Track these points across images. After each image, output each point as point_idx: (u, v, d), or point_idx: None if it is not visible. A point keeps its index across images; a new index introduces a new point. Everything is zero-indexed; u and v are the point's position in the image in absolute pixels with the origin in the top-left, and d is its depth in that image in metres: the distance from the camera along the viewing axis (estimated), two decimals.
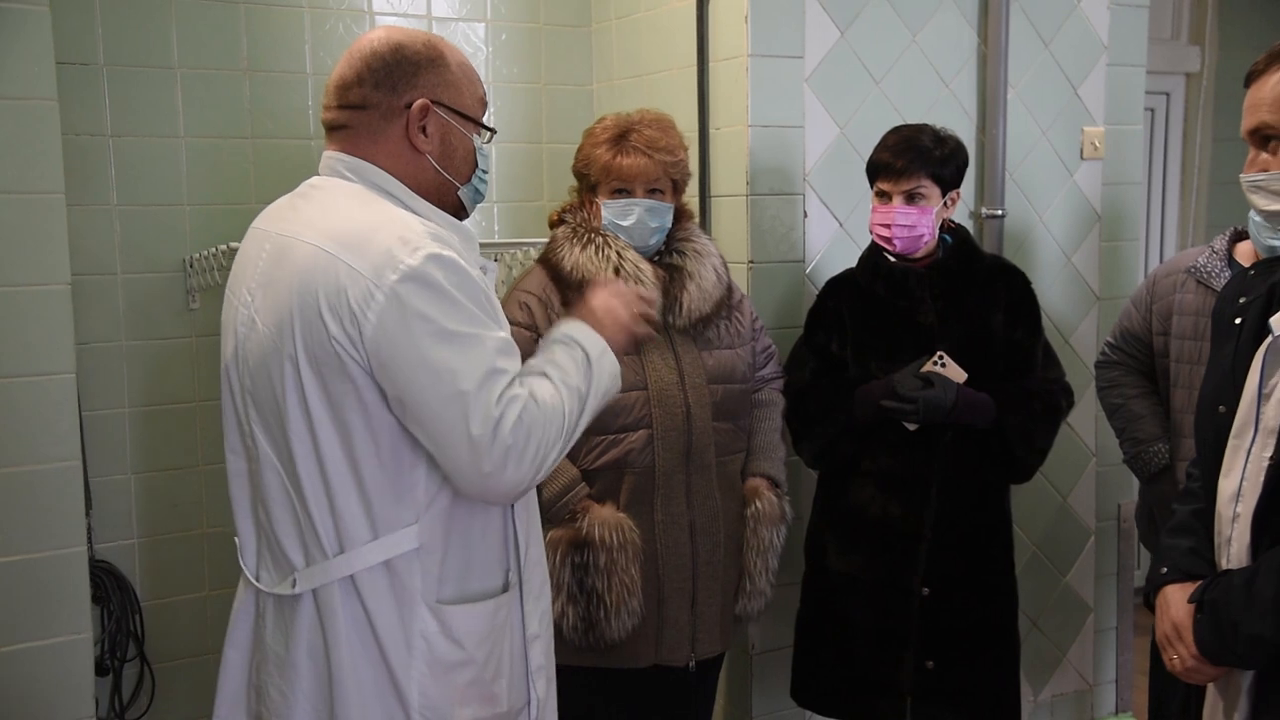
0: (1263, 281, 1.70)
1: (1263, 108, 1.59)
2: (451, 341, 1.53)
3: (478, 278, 1.62)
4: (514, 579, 1.75)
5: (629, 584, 2.25)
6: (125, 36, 2.77)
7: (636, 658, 2.34)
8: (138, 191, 2.83)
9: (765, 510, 2.45)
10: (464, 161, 1.74)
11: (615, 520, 2.26)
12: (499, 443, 1.54)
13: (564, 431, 1.63)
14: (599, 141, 2.37)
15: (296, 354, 1.58)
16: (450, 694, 1.66)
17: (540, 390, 1.62)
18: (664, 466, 2.32)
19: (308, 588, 1.64)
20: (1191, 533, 1.75)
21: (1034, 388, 2.52)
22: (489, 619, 1.70)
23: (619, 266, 2.30)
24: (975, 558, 2.53)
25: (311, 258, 1.58)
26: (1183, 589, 1.70)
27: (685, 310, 2.37)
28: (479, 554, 1.71)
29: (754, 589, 2.45)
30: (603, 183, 2.37)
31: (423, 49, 1.69)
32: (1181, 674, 1.69)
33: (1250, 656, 1.59)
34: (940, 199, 2.49)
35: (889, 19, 2.94)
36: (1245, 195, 1.65)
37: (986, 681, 2.57)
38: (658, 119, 2.41)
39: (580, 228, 2.37)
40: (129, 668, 2.88)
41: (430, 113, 1.68)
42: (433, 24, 3.17)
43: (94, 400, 2.80)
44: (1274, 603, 1.52)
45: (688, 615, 2.37)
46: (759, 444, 2.51)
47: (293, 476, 1.63)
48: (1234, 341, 1.67)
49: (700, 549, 2.37)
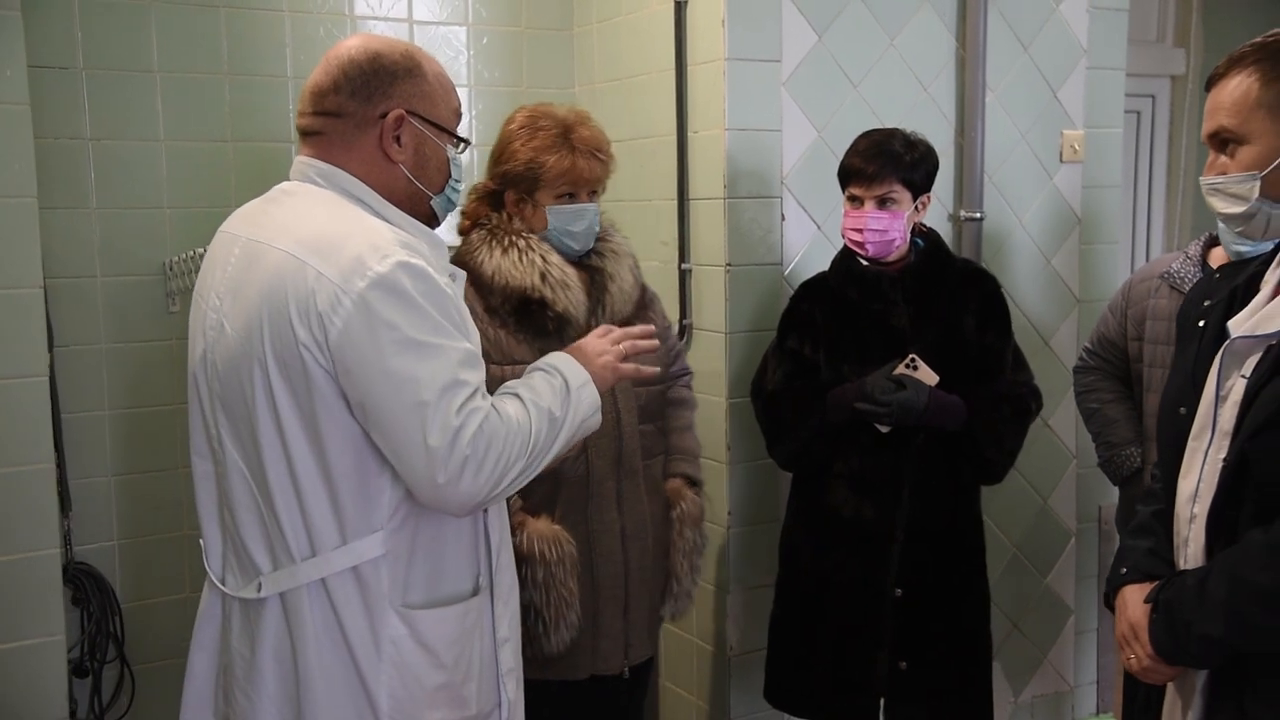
0: (1226, 284, 1.71)
1: (1221, 112, 1.60)
2: (415, 351, 1.54)
3: (446, 286, 1.63)
4: (484, 583, 1.76)
5: (567, 597, 2.21)
6: (105, 40, 2.78)
7: (574, 669, 2.31)
8: (117, 195, 2.84)
9: (689, 511, 2.44)
10: (437, 171, 1.75)
11: (552, 534, 2.22)
12: (456, 453, 1.55)
13: (529, 449, 1.63)
14: (545, 144, 2.27)
15: (266, 359, 1.59)
16: (420, 697, 1.67)
17: (507, 406, 1.64)
18: (596, 474, 2.28)
19: (274, 591, 1.65)
20: (1151, 534, 1.76)
21: (1004, 390, 2.54)
22: (458, 623, 1.71)
23: (545, 272, 2.22)
24: (948, 558, 2.54)
25: (281, 263, 1.60)
26: (1140, 589, 1.72)
27: (609, 312, 2.31)
28: (449, 558, 1.72)
29: (680, 590, 2.44)
30: (549, 186, 2.27)
31: (400, 59, 1.70)
32: (1138, 673, 1.71)
33: (1202, 656, 1.61)
34: (911, 203, 2.50)
35: (866, 23, 2.95)
36: (1205, 199, 1.66)
37: (959, 682, 2.58)
38: (585, 116, 2.35)
39: (499, 230, 2.27)
40: (109, 669, 2.89)
41: (405, 123, 1.69)
42: (414, 27, 3.18)
43: (74, 403, 2.82)
44: (1225, 604, 1.53)
45: (621, 623, 2.35)
46: (676, 444, 2.49)
47: (260, 481, 1.64)
48: (1196, 344, 1.68)
49: (631, 555, 2.34)
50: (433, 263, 1.63)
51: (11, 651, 2.31)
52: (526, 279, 2.22)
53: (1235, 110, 1.58)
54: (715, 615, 3.01)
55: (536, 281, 2.22)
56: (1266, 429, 1.51)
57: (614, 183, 3.24)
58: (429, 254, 1.65)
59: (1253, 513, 1.54)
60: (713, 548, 2.99)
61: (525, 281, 2.22)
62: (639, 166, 3.14)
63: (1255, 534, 1.53)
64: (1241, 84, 1.57)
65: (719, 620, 2.99)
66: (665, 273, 3.05)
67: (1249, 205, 1.58)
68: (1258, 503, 1.53)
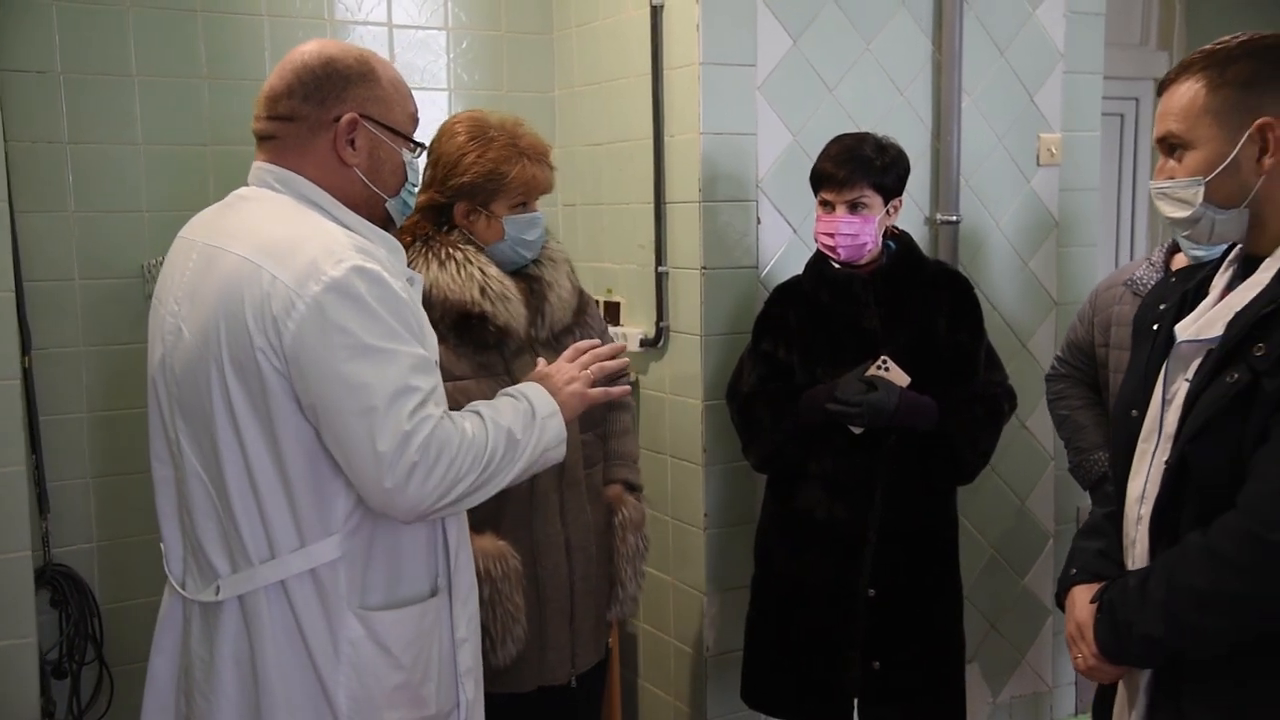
0: (1180, 288, 1.73)
1: (1170, 117, 1.61)
2: (367, 356, 1.55)
3: (402, 290, 1.64)
4: (442, 584, 1.77)
5: (513, 611, 2.19)
6: (82, 44, 2.80)
7: (521, 682, 2.30)
8: (96, 198, 2.85)
9: (630, 517, 2.43)
10: (393, 175, 1.76)
11: (497, 550, 2.20)
12: (405, 459, 1.55)
13: (481, 463, 1.64)
14: (501, 154, 2.22)
15: (223, 362, 1.60)
16: (378, 698, 1.68)
17: (464, 419, 1.65)
18: (540, 488, 2.26)
19: (232, 594, 1.66)
20: (1102, 535, 1.78)
21: (977, 391, 2.56)
22: (416, 623, 1.72)
23: (484, 286, 2.19)
24: (920, 559, 2.56)
25: (237, 268, 1.61)
26: (1088, 589, 1.74)
27: (548, 321, 2.29)
28: (407, 560, 1.73)
29: (625, 595, 2.44)
30: (507, 196, 2.25)
31: (354, 64, 1.71)
32: (1085, 672, 1.73)
33: (1144, 656, 1.63)
34: (883, 207, 2.51)
35: (842, 27, 2.97)
36: (1154, 203, 1.68)
37: (932, 682, 2.59)
38: (521, 121, 2.32)
39: (435, 243, 2.23)
40: (88, 670, 2.90)
41: (359, 127, 1.70)
42: (393, 31, 3.20)
43: (52, 405, 2.83)
44: (1164, 604, 1.55)
45: (567, 634, 2.34)
46: (613, 450, 2.48)
47: (218, 484, 1.65)
48: (1149, 347, 1.70)
49: (576, 566, 2.34)
50: (389, 267, 1.64)
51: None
52: (466, 293, 2.19)
53: (1182, 116, 1.59)
54: (693, 617, 3.02)
55: (476, 295, 2.19)
56: (1205, 432, 1.53)
57: (593, 186, 3.30)
58: (386, 258, 1.67)
59: (1193, 515, 1.56)
60: (690, 549, 3.01)
61: (465, 296, 2.18)
62: (617, 170, 3.16)
63: (1193, 537, 1.55)
64: (1189, 90, 1.59)
65: (696, 621, 3.01)
66: (642, 276, 3.06)
67: (1194, 210, 1.60)
68: (1198, 505, 1.55)
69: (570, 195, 3.41)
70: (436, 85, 3.28)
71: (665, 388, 3.05)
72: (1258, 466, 1.48)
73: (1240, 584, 1.48)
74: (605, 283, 3.27)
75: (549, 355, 2.20)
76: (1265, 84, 1.55)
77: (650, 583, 3.19)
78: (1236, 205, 1.58)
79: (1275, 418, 1.46)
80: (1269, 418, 1.47)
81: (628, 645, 3.30)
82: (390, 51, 3.19)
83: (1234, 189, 1.57)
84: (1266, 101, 1.55)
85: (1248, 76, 1.55)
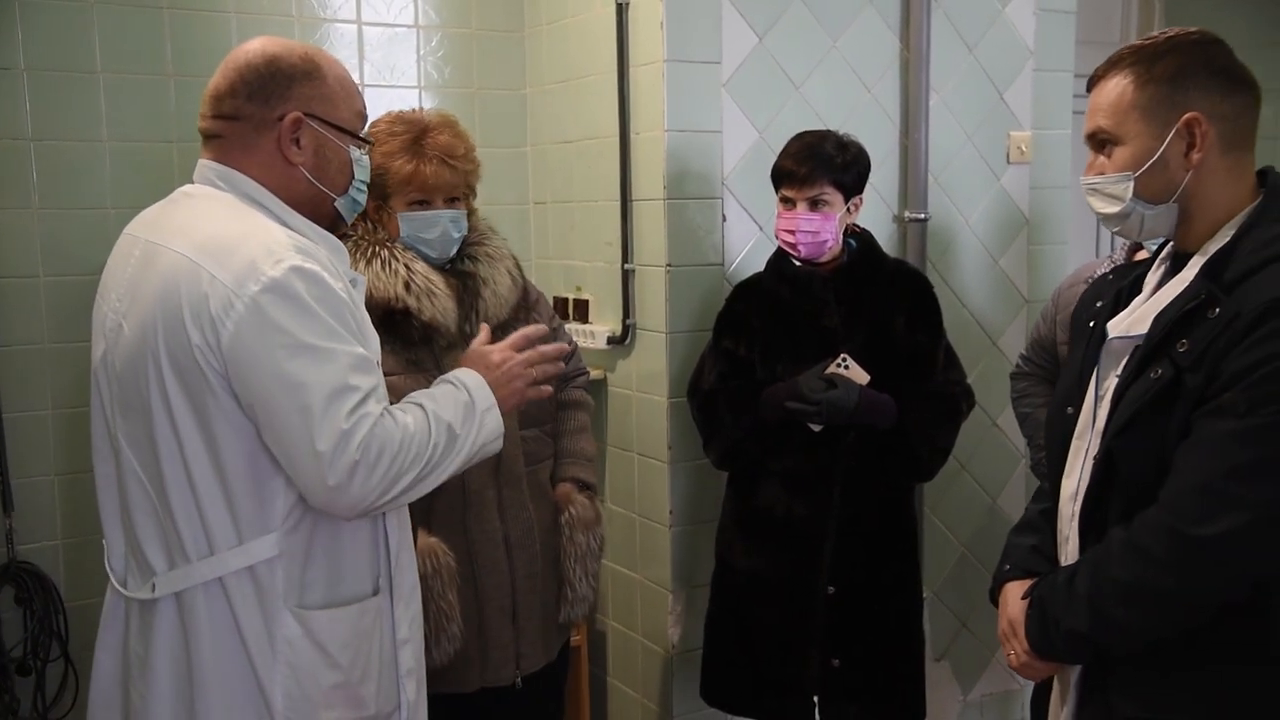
0: (1116, 285, 1.73)
1: (1099, 112, 1.62)
2: (305, 355, 1.55)
3: (342, 290, 1.63)
4: (383, 584, 1.77)
5: (446, 609, 2.18)
6: (47, 41, 2.79)
7: (463, 682, 2.28)
8: (61, 195, 2.85)
9: (579, 515, 2.42)
10: (339, 173, 1.76)
11: (427, 546, 2.19)
12: (345, 458, 1.56)
13: (423, 459, 1.64)
14: (393, 150, 2.22)
15: (161, 360, 1.60)
16: (315, 697, 1.68)
17: (405, 415, 1.65)
18: (474, 484, 2.25)
19: (168, 591, 1.66)
20: (1037, 531, 1.79)
21: (935, 390, 2.56)
22: (354, 623, 1.72)
23: (409, 281, 2.20)
24: (879, 557, 2.56)
25: (176, 265, 1.61)
26: (1020, 585, 1.74)
27: (483, 317, 2.27)
28: (347, 559, 1.73)
29: (575, 595, 2.42)
30: (399, 193, 2.24)
31: (298, 61, 1.71)
32: (1017, 669, 1.73)
33: (1070, 652, 1.64)
34: (844, 205, 2.51)
35: (808, 24, 2.96)
36: (1085, 199, 1.68)
37: (892, 679, 2.59)
38: (447, 121, 2.31)
39: (364, 240, 2.24)
40: (53, 667, 2.90)
41: (303, 125, 1.70)
42: (363, 29, 3.19)
43: (16, 402, 2.83)
44: (1088, 600, 1.56)
45: (510, 633, 2.32)
46: (565, 447, 2.48)
47: (157, 481, 1.65)
48: (1085, 344, 1.70)
49: (518, 564, 2.32)
50: (329, 267, 1.64)
51: None
52: (390, 289, 2.19)
53: (1111, 111, 1.60)
54: (660, 614, 3.02)
55: (400, 291, 2.19)
56: (1130, 427, 1.53)
57: (563, 184, 3.29)
58: (327, 258, 1.66)
59: (1120, 510, 1.56)
60: (652, 547, 3.01)
61: (389, 292, 2.19)
62: (586, 168, 3.16)
63: (1117, 532, 1.55)
64: (1118, 85, 1.59)
65: (663, 619, 3.01)
66: (610, 273, 3.06)
67: (1124, 205, 1.60)
68: (1124, 500, 1.56)
69: (541, 193, 3.41)
70: (407, 83, 3.27)
71: (632, 385, 3.04)
72: (1179, 462, 1.49)
73: (1161, 579, 1.48)
74: (575, 280, 3.27)
75: None
76: (1191, 79, 1.55)
77: (618, 580, 3.20)
78: (1165, 201, 1.58)
79: (1197, 413, 1.47)
80: (1191, 413, 1.47)
81: (597, 643, 3.30)
82: (360, 49, 3.19)
83: (1162, 184, 1.57)
84: (1193, 97, 1.55)
85: (1174, 72, 1.56)
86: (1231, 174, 1.57)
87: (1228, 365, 1.44)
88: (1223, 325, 1.46)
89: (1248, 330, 1.43)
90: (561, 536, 2.41)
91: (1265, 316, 1.43)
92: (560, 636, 2.49)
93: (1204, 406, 1.47)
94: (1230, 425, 1.43)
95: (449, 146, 2.27)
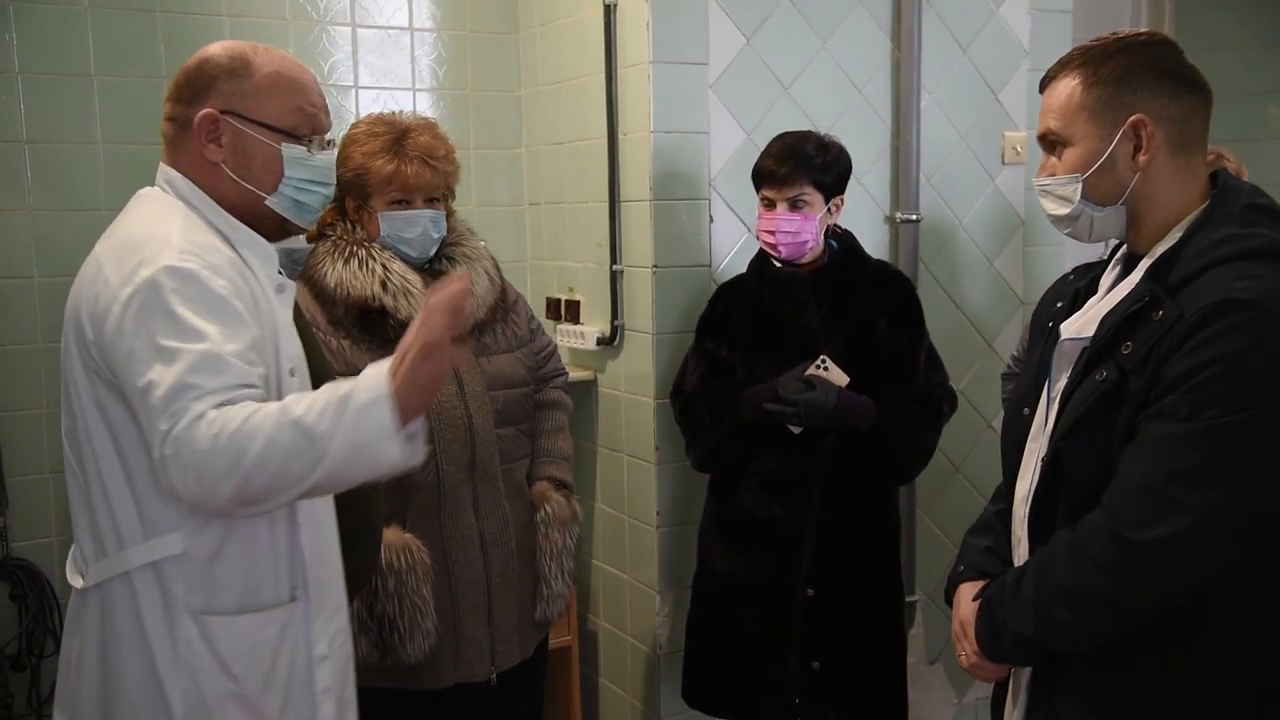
0: (1075, 286, 1.72)
1: (1049, 114, 1.62)
2: (158, 355, 1.53)
3: (224, 289, 1.59)
4: (298, 594, 1.72)
5: (420, 605, 2.20)
6: (40, 44, 2.84)
7: (437, 678, 2.29)
8: (55, 197, 2.89)
9: (555, 513, 2.43)
10: (265, 171, 1.72)
11: (401, 542, 2.20)
12: (179, 458, 1.49)
13: (270, 461, 1.49)
14: (374, 150, 2.26)
15: (74, 358, 1.65)
16: (211, 703, 1.65)
17: (253, 414, 1.51)
18: (449, 481, 2.27)
19: (93, 582, 1.67)
20: (992, 532, 1.79)
21: (916, 391, 2.55)
22: (253, 632, 1.67)
23: (385, 280, 2.22)
24: (859, 559, 2.55)
25: (88, 266, 1.67)
26: (973, 587, 1.74)
27: None
28: (256, 565, 1.69)
29: (551, 593, 2.43)
30: (380, 193, 2.28)
31: (227, 60, 1.72)
32: (969, 671, 1.72)
33: (1017, 654, 1.63)
34: (824, 205, 2.51)
35: (796, 25, 2.96)
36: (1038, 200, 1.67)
37: (873, 682, 2.58)
38: (427, 124, 2.34)
39: (342, 240, 2.27)
40: (47, 663, 2.92)
41: (221, 123, 1.70)
42: (356, 31, 3.22)
43: (11, 401, 2.87)
44: (1033, 603, 1.55)
45: (485, 630, 2.33)
46: (542, 447, 2.49)
47: (82, 475, 1.68)
48: (1042, 345, 1.69)
49: (492, 561, 2.33)
50: (220, 266, 1.61)
51: None
52: (367, 288, 2.22)
53: (1061, 113, 1.59)
54: (648, 615, 3.03)
55: (377, 290, 2.22)
56: (1076, 429, 1.53)
57: (555, 185, 3.30)
58: (225, 260, 1.64)
59: (1067, 512, 1.55)
60: (640, 548, 3.01)
61: (365, 291, 2.22)
62: (576, 169, 3.16)
63: (1061, 535, 1.54)
64: (1067, 87, 1.59)
65: (652, 620, 3.01)
66: (600, 274, 3.07)
67: (1073, 207, 1.59)
68: (1071, 502, 1.55)
69: (535, 194, 3.43)
70: (402, 85, 3.29)
71: (621, 386, 3.05)
72: (1122, 465, 1.48)
73: (1102, 582, 1.47)
74: (568, 281, 3.28)
75: (463, 351, 2.19)
76: (1139, 80, 1.55)
77: (609, 581, 3.20)
78: (1114, 202, 1.58)
79: (1140, 417, 1.46)
80: (1135, 416, 1.46)
81: (588, 643, 3.30)
82: (354, 51, 3.21)
83: (1110, 186, 1.57)
84: (1140, 98, 1.54)
85: (1122, 73, 1.55)
86: (1180, 176, 1.56)
87: (1170, 369, 1.43)
88: (1166, 328, 1.45)
89: (1189, 333, 1.42)
90: (537, 534, 2.42)
91: (1207, 320, 1.41)
92: (537, 634, 2.50)
93: (1147, 410, 1.46)
94: (1172, 429, 1.42)
95: (429, 147, 2.30)
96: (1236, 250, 1.47)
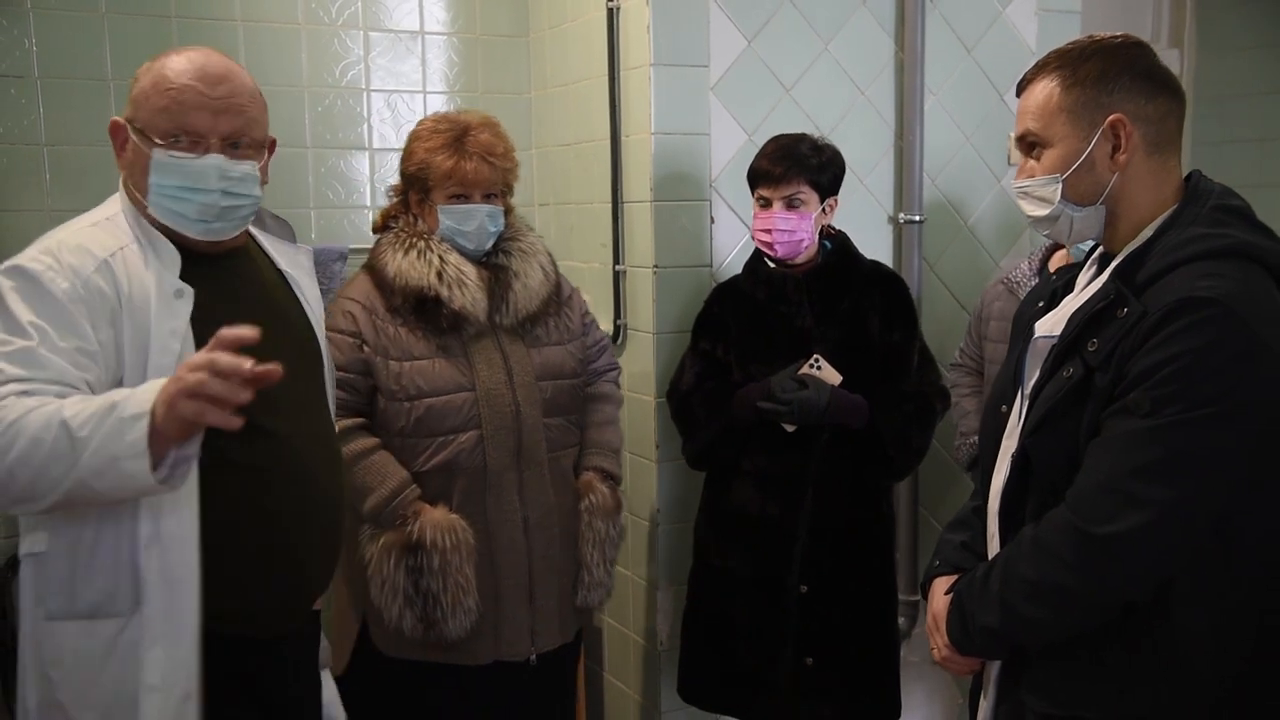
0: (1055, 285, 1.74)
1: (1028, 115, 1.63)
2: None
3: (64, 294, 1.62)
4: (125, 609, 1.64)
5: (464, 584, 2.26)
6: (59, 49, 2.91)
7: (477, 655, 2.36)
8: (73, 198, 2.94)
9: (599, 503, 2.47)
10: (141, 175, 1.76)
11: (447, 522, 2.27)
12: None
13: (34, 458, 1.48)
14: (436, 146, 2.36)
15: None
16: (50, 704, 1.66)
17: (34, 408, 1.51)
18: (495, 466, 2.34)
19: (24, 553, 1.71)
20: (968, 527, 1.81)
21: (909, 390, 2.56)
22: (72, 641, 1.64)
23: (441, 271, 2.32)
24: (852, 556, 2.57)
25: None
26: (947, 581, 1.76)
27: (512, 309, 2.39)
28: (90, 574, 1.64)
29: (593, 580, 2.48)
30: (440, 187, 2.37)
31: (142, 71, 1.79)
32: (941, 663, 1.74)
33: (986, 647, 1.65)
34: (819, 205, 2.53)
35: (799, 27, 2.98)
36: (1016, 202, 1.69)
37: (867, 678, 2.60)
38: (488, 122, 2.43)
39: (404, 232, 2.38)
40: None
41: (122, 131, 1.78)
42: (368, 35, 3.27)
43: None
44: (999, 597, 1.57)
45: (526, 610, 2.40)
46: (591, 438, 2.54)
47: None
48: (1021, 343, 1.71)
49: (535, 545, 2.40)
50: (81, 272, 1.66)
51: None
52: (423, 278, 2.32)
53: (1039, 114, 1.61)
54: (648, 610, 3.06)
55: (433, 280, 2.31)
56: (1044, 426, 1.55)
57: (563, 185, 3.34)
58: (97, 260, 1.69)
59: (1035, 507, 1.57)
60: (642, 544, 3.04)
61: (421, 280, 2.32)
62: (582, 170, 3.20)
63: (1027, 529, 1.57)
64: (1045, 88, 1.61)
65: (651, 615, 3.04)
66: (604, 274, 3.11)
67: (1053, 208, 1.61)
68: (1039, 498, 1.57)
69: (544, 195, 3.47)
70: (412, 88, 3.35)
71: (623, 384, 3.08)
72: (1087, 461, 1.49)
73: (1065, 577, 1.49)
74: (574, 281, 3.29)
75: (514, 342, 2.37)
76: (1116, 81, 1.56)
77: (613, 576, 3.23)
78: (1093, 203, 1.59)
79: (1105, 413, 1.47)
80: (1100, 412, 1.48)
81: (593, 638, 3.34)
82: (366, 55, 3.27)
83: (1089, 186, 1.58)
84: (1118, 99, 1.56)
85: (1099, 74, 1.57)
86: (1155, 176, 1.58)
87: (1134, 366, 1.45)
88: (1130, 325, 1.46)
89: (1152, 331, 1.44)
90: (580, 522, 2.47)
91: (1170, 317, 1.43)
92: (578, 620, 2.57)
93: (1111, 406, 1.47)
94: (1134, 425, 1.43)
95: (489, 145, 2.39)
96: (1202, 250, 1.48)
